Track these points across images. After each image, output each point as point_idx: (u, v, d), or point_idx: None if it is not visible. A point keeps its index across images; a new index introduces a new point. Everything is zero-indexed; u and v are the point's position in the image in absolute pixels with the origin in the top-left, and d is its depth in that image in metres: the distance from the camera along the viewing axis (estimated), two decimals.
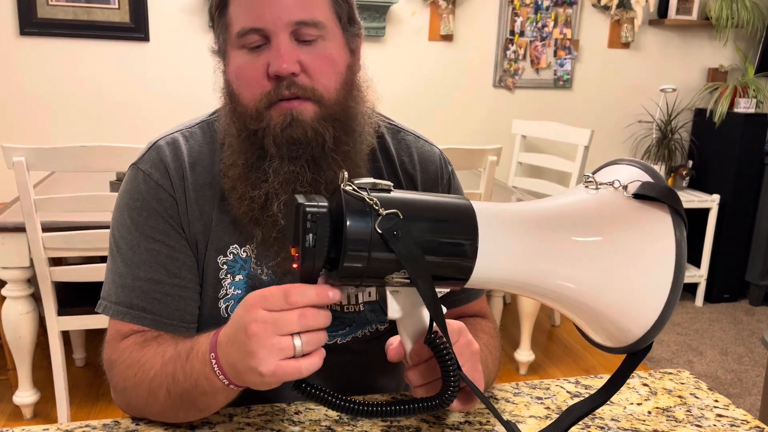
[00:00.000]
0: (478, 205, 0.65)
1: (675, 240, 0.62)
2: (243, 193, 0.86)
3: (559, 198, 0.69)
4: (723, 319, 3.40)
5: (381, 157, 0.96)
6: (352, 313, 0.94)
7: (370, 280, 0.64)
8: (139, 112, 3.02)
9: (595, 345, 0.70)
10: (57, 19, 2.85)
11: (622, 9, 3.42)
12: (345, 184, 0.62)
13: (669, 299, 0.62)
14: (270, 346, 0.64)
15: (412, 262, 0.61)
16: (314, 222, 0.61)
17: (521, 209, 0.67)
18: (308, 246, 0.61)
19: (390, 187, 0.64)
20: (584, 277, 0.64)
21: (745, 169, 3.46)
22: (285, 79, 0.81)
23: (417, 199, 0.65)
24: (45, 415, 2.27)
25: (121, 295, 0.88)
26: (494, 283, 0.66)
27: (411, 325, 0.71)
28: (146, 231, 0.88)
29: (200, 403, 0.76)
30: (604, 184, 0.67)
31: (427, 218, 0.63)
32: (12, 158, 1.82)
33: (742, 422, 0.86)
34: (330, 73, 0.84)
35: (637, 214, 0.64)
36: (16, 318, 2.05)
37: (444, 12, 3.23)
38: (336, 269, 0.62)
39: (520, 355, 2.67)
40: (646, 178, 0.66)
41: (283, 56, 0.80)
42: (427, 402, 0.69)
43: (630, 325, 0.64)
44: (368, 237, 0.60)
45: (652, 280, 0.62)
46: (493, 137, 3.38)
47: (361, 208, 0.61)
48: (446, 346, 0.66)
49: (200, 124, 0.95)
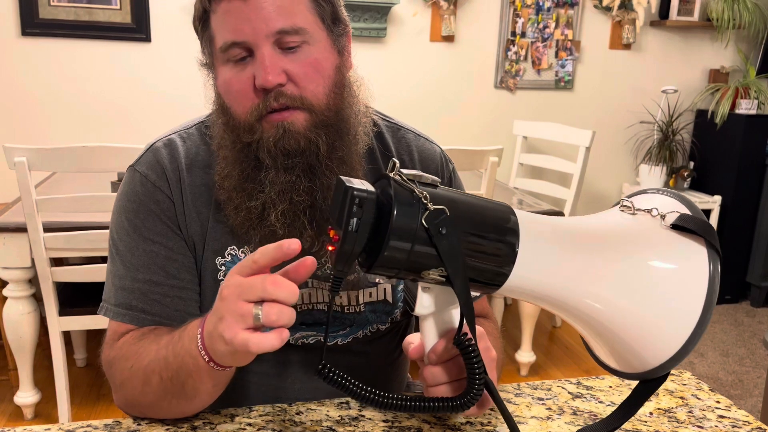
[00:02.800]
0: (519, 213, 0.65)
1: (709, 275, 0.62)
2: (239, 203, 0.86)
3: (598, 217, 0.69)
4: (724, 321, 3.39)
5: (380, 157, 0.96)
6: (352, 314, 0.94)
7: (405, 273, 0.63)
8: (141, 112, 3.02)
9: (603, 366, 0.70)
10: (58, 19, 2.85)
11: (624, 10, 3.42)
12: (395, 173, 0.61)
13: (694, 332, 0.61)
14: (233, 311, 0.64)
15: (453, 260, 0.61)
16: (360, 206, 0.60)
17: (560, 223, 0.67)
18: (351, 230, 0.60)
19: (437, 182, 0.63)
20: (613, 299, 0.64)
21: (747, 170, 3.46)
22: (272, 91, 0.81)
23: (464, 199, 0.64)
24: (46, 416, 2.27)
25: (120, 297, 0.88)
26: (524, 293, 0.66)
27: (436, 323, 0.70)
28: (144, 233, 0.88)
29: (188, 387, 0.76)
30: (641, 210, 0.67)
31: (472, 219, 0.63)
32: (13, 158, 1.82)
33: (743, 423, 0.86)
34: (317, 79, 0.83)
35: (673, 244, 0.64)
36: (17, 318, 2.05)
37: (445, 13, 3.23)
38: (374, 257, 0.61)
39: (521, 356, 2.67)
40: (683, 209, 0.65)
41: (268, 68, 0.80)
42: (447, 402, 0.68)
43: (648, 352, 0.63)
44: (414, 229, 0.59)
45: (680, 313, 0.62)
46: (494, 138, 3.38)
47: (410, 199, 0.60)
48: (476, 348, 0.65)
49: (197, 125, 0.95)
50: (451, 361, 0.71)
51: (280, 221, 0.84)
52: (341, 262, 0.62)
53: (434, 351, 0.70)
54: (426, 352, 0.72)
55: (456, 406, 0.68)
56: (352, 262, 0.62)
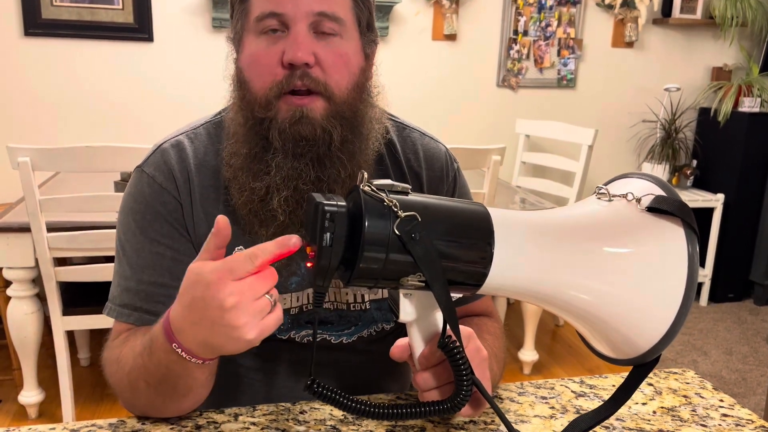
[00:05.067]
0: (494, 211, 0.65)
1: (688, 254, 0.62)
2: (244, 183, 0.85)
3: (573, 208, 0.69)
4: (727, 319, 3.39)
5: (386, 153, 0.96)
6: (357, 311, 0.94)
7: (384, 282, 0.64)
8: (143, 112, 3.02)
9: (599, 356, 0.70)
10: (61, 19, 2.85)
11: (626, 8, 3.41)
12: (364, 185, 0.62)
13: (679, 313, 0.62)
14: (252, 311, 0.64)
15: (429, 265, 0.61)
16: (332, 221, 0.61)
17: (536, 217, 0.67)
18: (325, 245, 0.61)
19: (408, 189, 0.64)
20: (596, 288, 0.64)
21: (750, 168, 3.45)
22: (299, 69, 0.81)
23: (435, 203, 0.65)
24: (50, 415, 2.27)
25: (125, 298, 0.88)
26: (506, 290, 0.66)
27: (422, 328, 0.71)
28: (150, 234, 0.88)
29: (181, 386, 0.75)
30: (617, 196, 0.67)
31: (444, 222, 0.63)
32: (17, 159, 1.82)
33: (747, 422, 0.86)
34: (343, 71, 0.84)
35: (650, 227, 0.64)
36: (21, 318, 2.05)
37: (447, 12, 3.23)
38: (351, 269, 0.62)
39: (524, 354, 2.67)
40: (658, 191, 0.66)
41: (300, 45, 0.80)
42: (437, 405, 0.68)
43: (638, 337, 0.64)
44: (386, 238, 0.60)
45: (663, 294, 0.63)
46: (496, 137, 3.37)
47: (380, 209, 0.61)
48: (460, 350, 0.66)
49: (205, 125, 0.95)
50: (440, 365, 0.72)
51: (282, 207, 0.84)
52: (320, 277, 0.63)
53: (422, 356, 0.71)
54: (415, 357, 0.72)
55: (446, 409, 0.68)
56: (331, 277, 0.63)
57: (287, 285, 0.90)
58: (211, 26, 3.00)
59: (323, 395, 0.67)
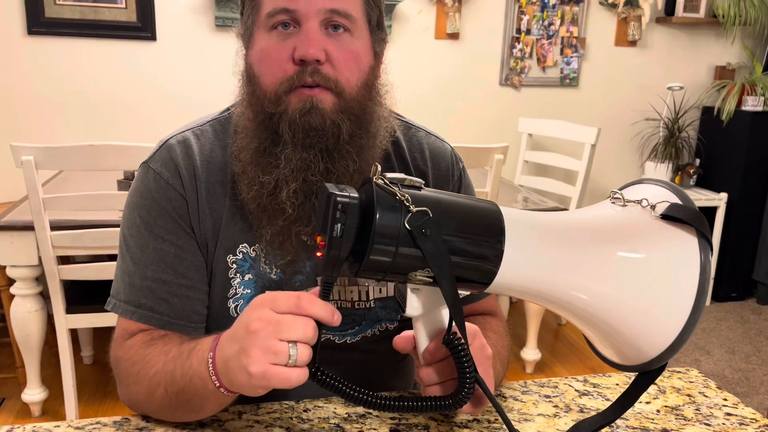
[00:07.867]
0: (506, 210, 0.65)
1: (700, 264, 0.62)
2: (253, 177, 0.85)
3: (586, 211, 0.69)
4: (730, 318, 3.38)
5: (393, 152, 0.96)
6: (362, 310, 0.94)
7: (393, 276, 0.64)
8: (146, 110, 3.03)
9: (604, 360, 0.70)
10: (64, 18, 2.86)
11: (629, 7, 3.41)
12: (377, 177, 0.62)
13: (688, 322, 0.61)
14: (266, 347, 0.63)
15: (437, 261, 0.61)
16: (344, 212, 0.61)
17: (548, 218, 0.67)
18: (335, 235, 0.61)
19: (421, 184, 0.64)
20: (605, 292, 0.64)
21: (753, 167, 3.44)
22: (309, 65, 0.81)
23: (447, 199, 0.65)
24: (53, 413, 2.28)
25: (129, 294, 0.88)
26: (515, 289, 0.66)
27: (427, 324, 0.71)
28: (155, 230, 0.88)
29: (194, 403, 0.76)
30: (631, 202, 0.67)
31: (455, 219, 0.63)
32: (20, 157, 1.83)
33: (751, 421, 0.86)
34: (353, 68, 0.85)
35: (664, 234, 0.64)
36: (24, 316, 2.06)
37: (450, 10, 3.23)
38: (360, 261, 0.62)
39: (527, 353, 2.67)
40: (674, 199, 0.65)
41: (312, 41, 0.81)
42: (440, 401, 0.69)
43: (645, 344, 0.63)
44: (397, 232, 0.60)
45: (673, 302, 0.62)
46: (499, 135, 3.37)
47: (392, 202, 0.61)
48: (464, 347, 0.66)
49: (211, 122, 0.95)
50: (444, 361, 0.72)
51: (290, 200, 0.84)
52: (329, 267, 0.63)
53: (427, 351, 0.71)
54: (420, 352, 0.72)
55: (447, 405, 0.68)
56: (340, 267, 0.63)
57: (291, 283, 0.91)
58: (214, 25, 3.01)
59: (327, 383, 0.67)
